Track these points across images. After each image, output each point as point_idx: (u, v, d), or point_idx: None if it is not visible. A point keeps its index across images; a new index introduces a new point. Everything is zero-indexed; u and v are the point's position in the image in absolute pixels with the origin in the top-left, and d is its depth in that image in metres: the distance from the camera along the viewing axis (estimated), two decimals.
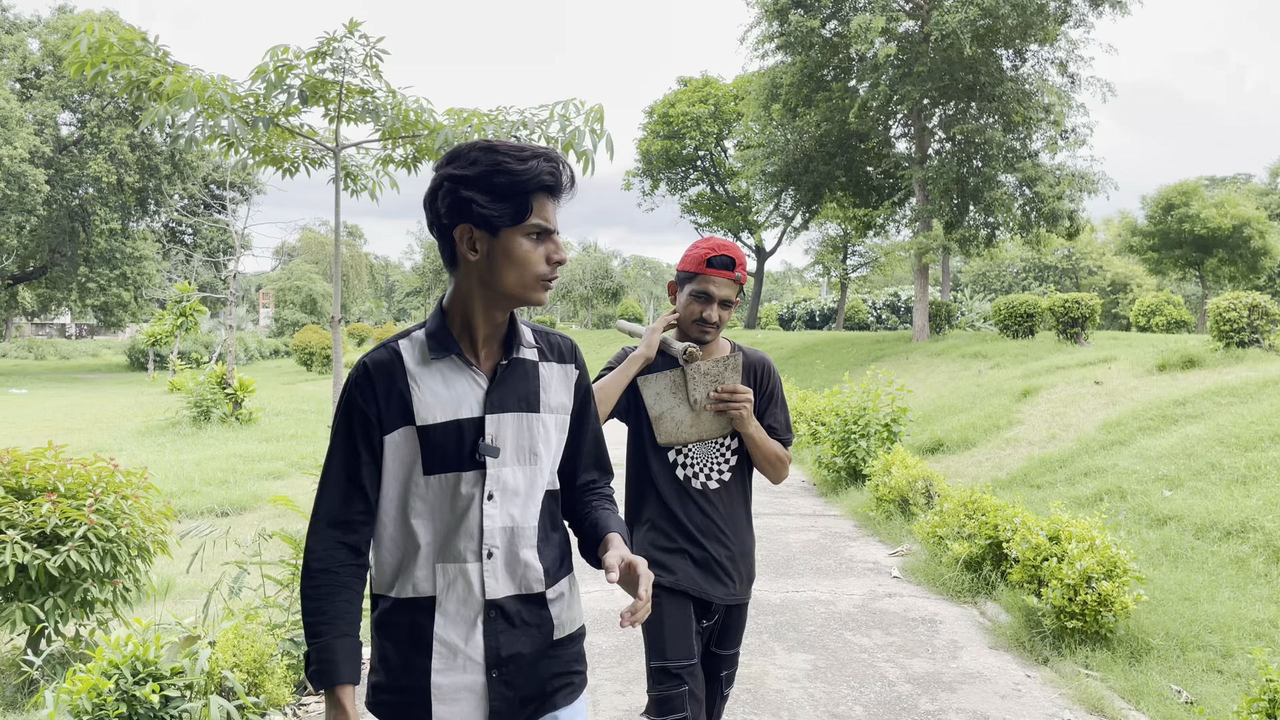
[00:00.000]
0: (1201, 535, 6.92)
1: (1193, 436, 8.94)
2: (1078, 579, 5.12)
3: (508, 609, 1.95)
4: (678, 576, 2.86)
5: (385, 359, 1.93)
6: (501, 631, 1.94)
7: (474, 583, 1.92)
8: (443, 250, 1.95)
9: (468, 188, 1.85)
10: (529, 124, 8.11)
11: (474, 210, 1.85)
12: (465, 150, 1.89)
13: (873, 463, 9.34)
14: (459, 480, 1.92)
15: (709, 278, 2.86)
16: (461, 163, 1.87)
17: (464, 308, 1.95)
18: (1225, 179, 63.85)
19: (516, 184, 1.85)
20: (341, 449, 1.92)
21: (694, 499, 2.92)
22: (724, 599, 2.92)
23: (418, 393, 1.91)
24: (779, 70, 25.75)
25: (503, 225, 1.87)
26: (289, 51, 7.69)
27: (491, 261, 1.89)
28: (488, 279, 1.91)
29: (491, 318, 1.96)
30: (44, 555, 4.93)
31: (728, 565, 2.93)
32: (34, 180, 34.36)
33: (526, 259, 1.89)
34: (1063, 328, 18.81)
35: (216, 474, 11.88)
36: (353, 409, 1.92)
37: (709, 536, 2.90)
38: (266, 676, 4.42)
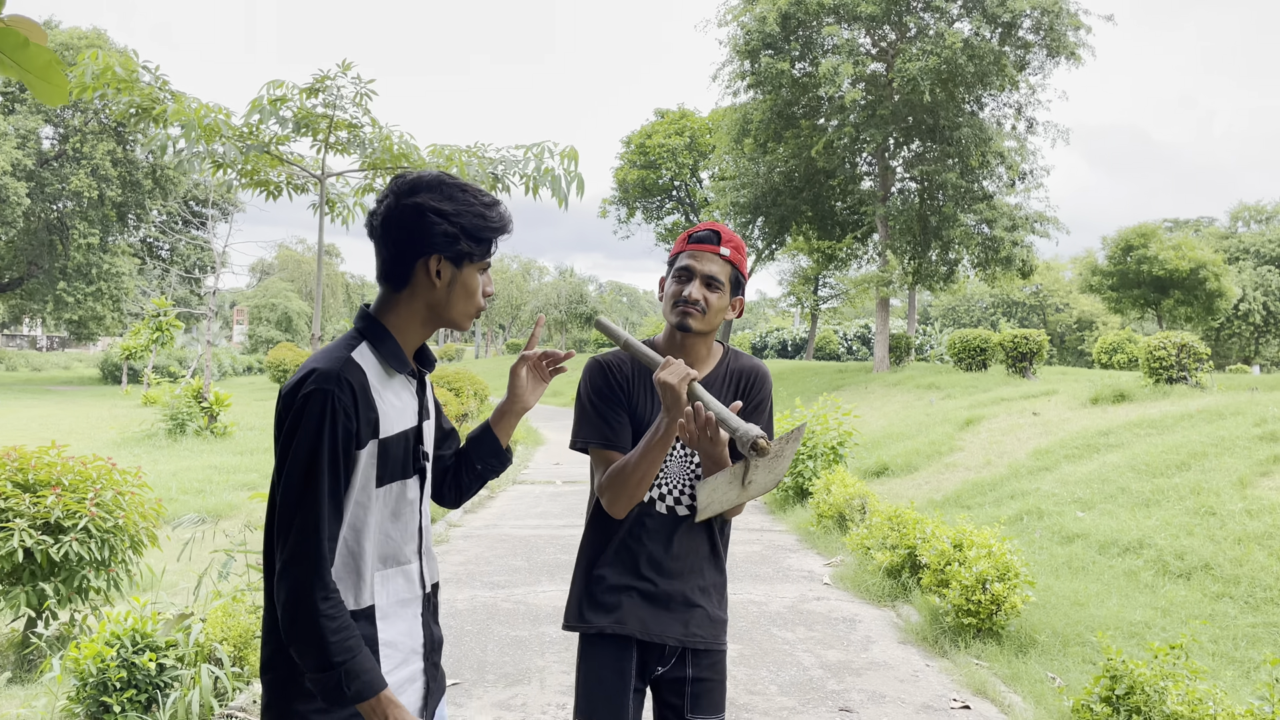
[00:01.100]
0: (1104, 551, 7.62)
1: (1109, 464, 9.68)
2: (974, 581, 5.78)
3: (432, 599, 2.15)
4: (619, 615, 2.52)
5: (357, 377, 1.93)
6: (430, 620, 2.13)
7: (414, 579, 2.07)
8: (393, 269, 2.01)
9: (448, 223, 1.96)
10: (507, 162, 8.82)
11: (451, 244, 1.97)
12: (432, 183, 1.99)
13: (816, 482, 10.00)
14: (404, 487, 2.03)
15: (689, 252, 2.53)
16: (436, 196, 1.98)
17: (407, 326, 2.04)
18: (1188, 221, 65.56)
19: (488, 227, 2.02)
20: (328, 474, 1.87)
21: (658, 524, 2.55)
22: (682, 639, 2.55)
23: (383, 406, 1.96)
24: (750, 107, 26.67)
25: (469, 261, 2.01)
26: (283, 86, 8.36)
27: (450, 291, 2.02)
28: (440, 305, 2.03)
29: (425, 335, 2.10)
30: (48, 542, 5.47)
31: (690, 598, 2.55)
32: (14, 193, 34.70)
33: (475, 292, 2.06)
34: (1012, 362, 19.64)
35: (193, 483, 12.31)
36: (337, 428, 1.87)
37: (667, 569, 2.54)
38: (251, 650, 4.98)
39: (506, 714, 4.75)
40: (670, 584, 2.54)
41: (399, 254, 2.00)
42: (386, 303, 2.05)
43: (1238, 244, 56.99)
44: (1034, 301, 69.26)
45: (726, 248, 2.52)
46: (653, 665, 2.57)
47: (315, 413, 1.87)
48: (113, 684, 4.47)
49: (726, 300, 2.53)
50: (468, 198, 2.00)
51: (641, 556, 2.53)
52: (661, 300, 2.60)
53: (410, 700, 2.05)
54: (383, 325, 2.04)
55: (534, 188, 8.79)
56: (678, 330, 2.52)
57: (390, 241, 2.00)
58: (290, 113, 8.49)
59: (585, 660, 2.58)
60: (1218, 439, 9.46)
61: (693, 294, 2.47)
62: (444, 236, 1.97)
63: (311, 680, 1.86)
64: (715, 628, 2.60)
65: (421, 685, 2.09)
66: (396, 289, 2.03)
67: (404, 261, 2.00)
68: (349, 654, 1.84)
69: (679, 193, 49.90)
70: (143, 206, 40.98)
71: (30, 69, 1.69)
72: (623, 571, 2.54)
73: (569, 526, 9.80)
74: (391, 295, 2.04)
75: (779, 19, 24.26)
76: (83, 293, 39.47)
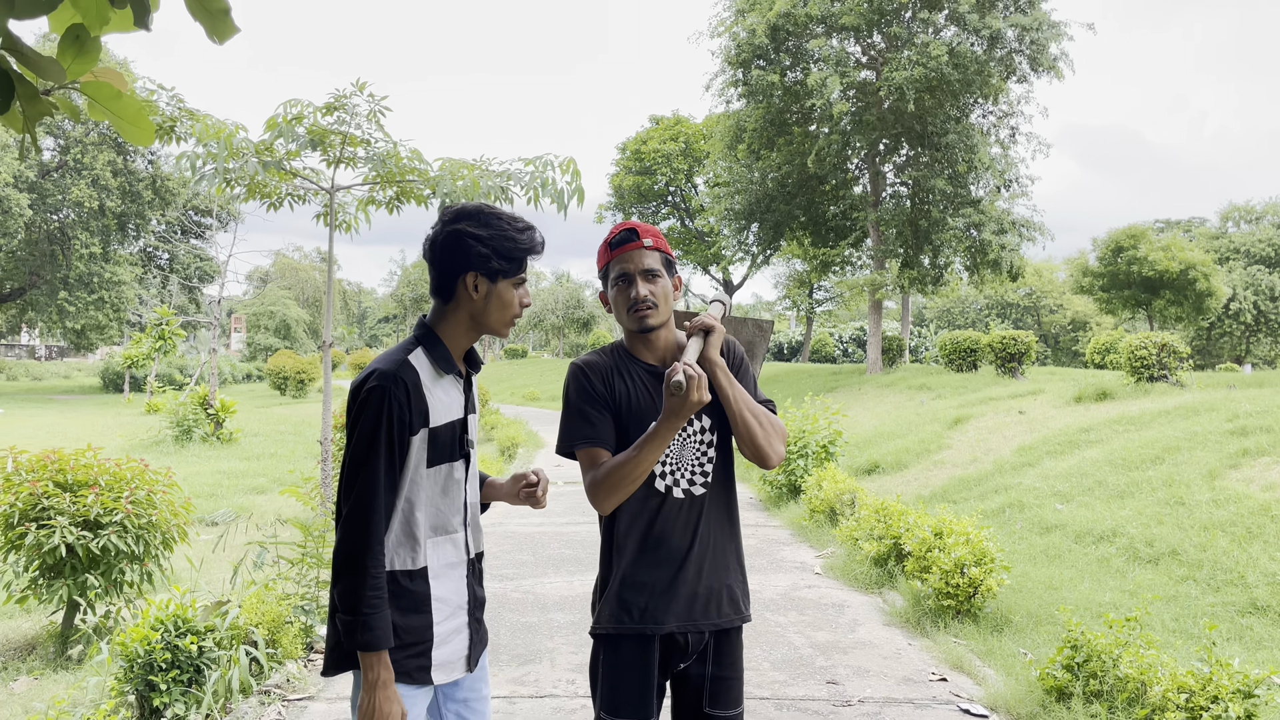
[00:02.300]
0: (1079, 540, 8.05)
1: (1088, 459, 10.11)
2: (953, 566, 6.21)
3: (477, 564, 2.55)
4: (646, 613, 2.57)
5: (411, 376, 2.34)
6: (475, 582, 2.52)
7: (460, 546, 2.46)
8: (441, 285, 2.43)
9: (483, 245, 2.36)
10: (512, 175, 9.26)
11: (485, 263, 2.36)
12: (473, 212, 2.40)
13: (808, 479, 10.43)
14: (451, 469, 2.44)
15: (618, 258, 2.59)
16: (474, 223, 2.38)
17: (454, 334, 2.45)
18: (1179, 222, 66.11)
19: (518, 248, 2.40)
20: (384, 453, 2.28)
21: (674, 511, 2.59)
22: (707, 625, 2.61)
23: (432, 400, 2.37)
24: (743, 114, 27.16)
25: (503, 276, 2.40)
26: (299, 105, 8.80)
27: (487, 303, 2.41)
28: (479, 315, 2.43)
29: (470, 341, 2.49)
30: (88, 536, 5.87)
31: (712, 585, 2.61)
32: (16, 204, 35.09)
33: (511, 303, 2.44)
34: (1001, 362, 20.09)
35: (203, 488, 12.66)
36: (393, 417, 2.28)
37: (691, 555, 2.59)
38: (283, 634, 5.39)
39: (520, 689, 5.17)
40: (697, 570, 2.58)
41: (444, 272, 2.42)
42: (437, 314, 2.46)
43: (1228, 244, 57.49)
44: (1028, 303, 69.81)
45: (647, 238, 2.59)
46: (675, 661, 2.61)
47: (375, 405, 2.29)
48: (158, 664, 4.86)
49: (669, 283, 2.61)
50: (501, 224, 2.40)
51: (664, 547, 2.57)
52: (611, 312, 2.66)
53: (457, 647, 2.45)
54: (435, 333, 2.44)
55: (536, 198, 9.26)
56: (640, 334, 2.61)
57: (437, 262, 2.42)
58: (304, 129, 8.94)
59: (608, 655, 2.61)
60: (1191, 434, 9.90)
61: (640, 293, 2.54)
62: (479, 257, 2.36)
63: (340, 619, 2.28)
64: (740, 606, 2.67)
65: (466, 636, 2.48)
66: (445, 302, 2.44)
67: (448, 279, 2.41)
68: (373, 609, 2.25)
69: (674, 198, 50.43)
70: (143, 216, 41.36)
71: (123, 116, 2.09)
72: (649, 566, 2.57)
73: (571, 524, 10.21)
74: (441, 308, 2.45)
75: (768, 31, 24.79)
76: (84, 302, 39.83)
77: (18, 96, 1.88)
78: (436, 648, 2.39)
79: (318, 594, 5.93)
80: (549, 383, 40.81)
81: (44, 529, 5.76)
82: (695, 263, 50.09)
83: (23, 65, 1.87)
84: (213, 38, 1.82)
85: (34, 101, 1.90)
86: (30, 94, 1.90)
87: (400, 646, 2.33)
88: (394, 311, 77.70)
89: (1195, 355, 43.37)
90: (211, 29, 1.80)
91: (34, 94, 1.91)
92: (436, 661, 2.40)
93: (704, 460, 2.63)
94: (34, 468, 6.10)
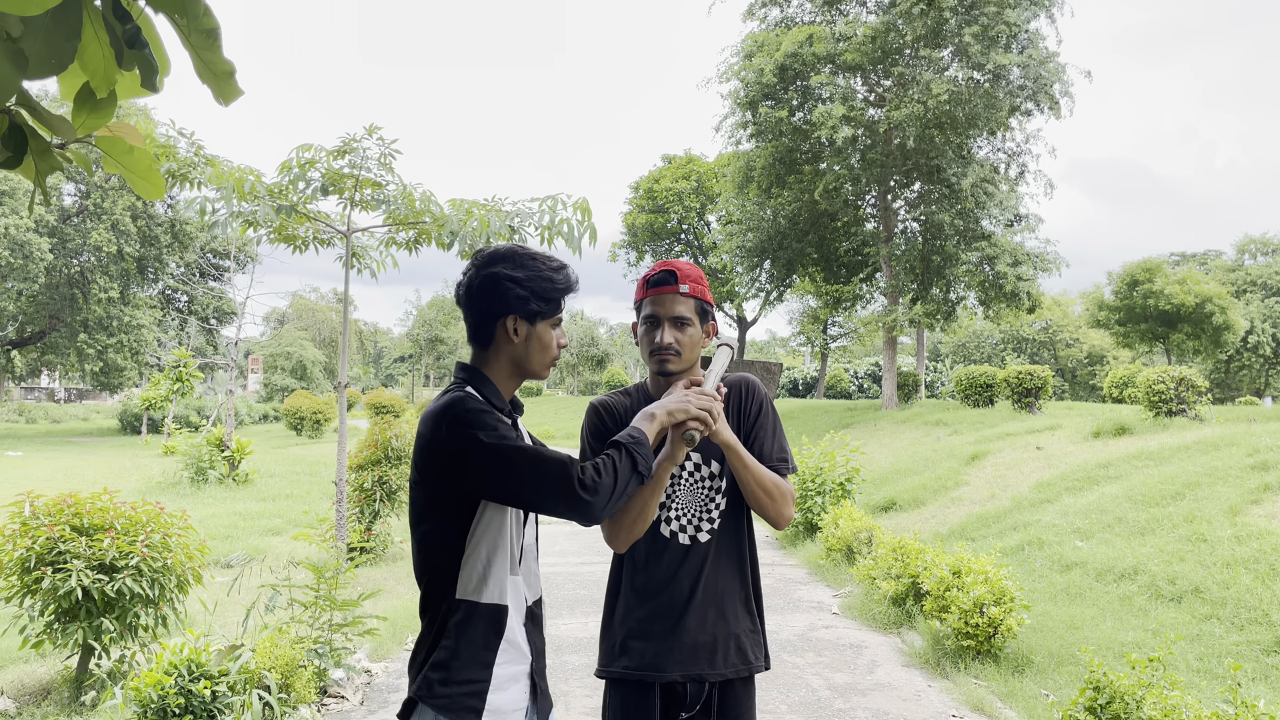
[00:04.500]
0: (1100, 578, 7.94)
1: (1108, 495, 10.00)
2: (972, 605, 6.13)
3: (535, 611, 2.41)
4: (642, 658, 2.55)
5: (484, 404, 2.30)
6: (534, 629, 2.38)
7: (522, 590, 2.34)
8: (479, 331, 2.35)
9: (520, 287, 2.29)
10: (522, 214, 9.32)
11: (524, 305, 2.29)
12: (507, 254, 2.34)
13: (825, 517, 10.35)
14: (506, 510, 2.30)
15: (651, 299, 2.59)
16: (510, 265, 2.31)
17: (498, 379, 2.36)
18: (1195, 255, 65.90)
19: (556, 289, 2.33)
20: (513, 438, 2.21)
21: (677, 557, 2.56)
22: (710, 676, 2.55)
23: None
24: (753, 154, 27.34)
25: (541, 318, 2.33)
26: (311, 149, 8.91)
27: (527, 345, 2.34)
28: (520, 358, 2.35)
29: (514, 387, 2.41)
30: (104, 580, 5.87)
31: (716, 634, 2.55)
32: (38, 249, 35.52)
33: (550, 345, 2.36)
34: (1018, 397, 19.97)
35: (219, 529, 12.67)
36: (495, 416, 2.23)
37: (693, 603, 2.55)
38: (295, 678, 5.37)
39: None
40: (700, 622, 2.54)
41: (481, 317, 2.33)
42: (478, 360, 2.39)
43: (1245, 276, 57.24)
44: (1044, 337, 69.55)
45: (685, 284, 2.58)
46: (676, 710, 2.55)
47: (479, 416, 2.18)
48: (171, 710, 4.84)
49: (699, 332, 2.59)
50: (537, 264, 2.33)
51: (665, 594, 2.55)
52: (638, 346, 2.66)
53: (514, 697, 2.26)
54: (481, 372, 2.37)
55: (549, 238, 9.30)
56: (660, 376, 2.61)
57: (473, 307, 2.34)
58: (319, 174, 9.04)
59: (613, 699, 2.61)
60: (1212, 469, 9.79)
61: (664, 339, 2.54)
62: (517, 299, 2.29)
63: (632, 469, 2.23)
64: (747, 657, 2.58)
65: (526, 689, 2.31)
66: (484, 347, 2.36)
67: (486, 323, 2.33)
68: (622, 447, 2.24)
69: (687, 235, 50.62)
70: (161, 260, 41.80)
71: (134, 170, 2.12)
72: (646, 612, 2.56)
73: (586, 564, 10.15)
74: (480, 354, 2.38)
75: (776, 70, 25.03)
76: (103, 345, 40.16)
77: (30, 151, 1.91)
78: (493, 691, 2.23)
79: (330, 637, 5.91)
80: (564, 420, 40.79)
81: (60, 573, 5.77)
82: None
83: (36, 120, 1.90)
84: (219, 99, 1.84)
85: (46, 156, 1.93)
86: (42, 149, 1.93)
87: (455, 681, 2.20)
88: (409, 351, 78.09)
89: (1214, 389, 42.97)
90: (218, 91, 1.83)
91: (46, 149, 1.93)
92: (490, 706, 2.23)
93: (711, 507, 2.60)
94: (51, 511, 6.12)
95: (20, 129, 1.88)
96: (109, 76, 1.85)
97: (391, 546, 10.94)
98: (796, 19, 28.29)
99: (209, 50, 1.82)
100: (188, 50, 1.79)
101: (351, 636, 6.16)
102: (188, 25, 1.69)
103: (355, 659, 6.25)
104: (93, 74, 1.83)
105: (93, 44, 1.79)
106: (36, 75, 1.76)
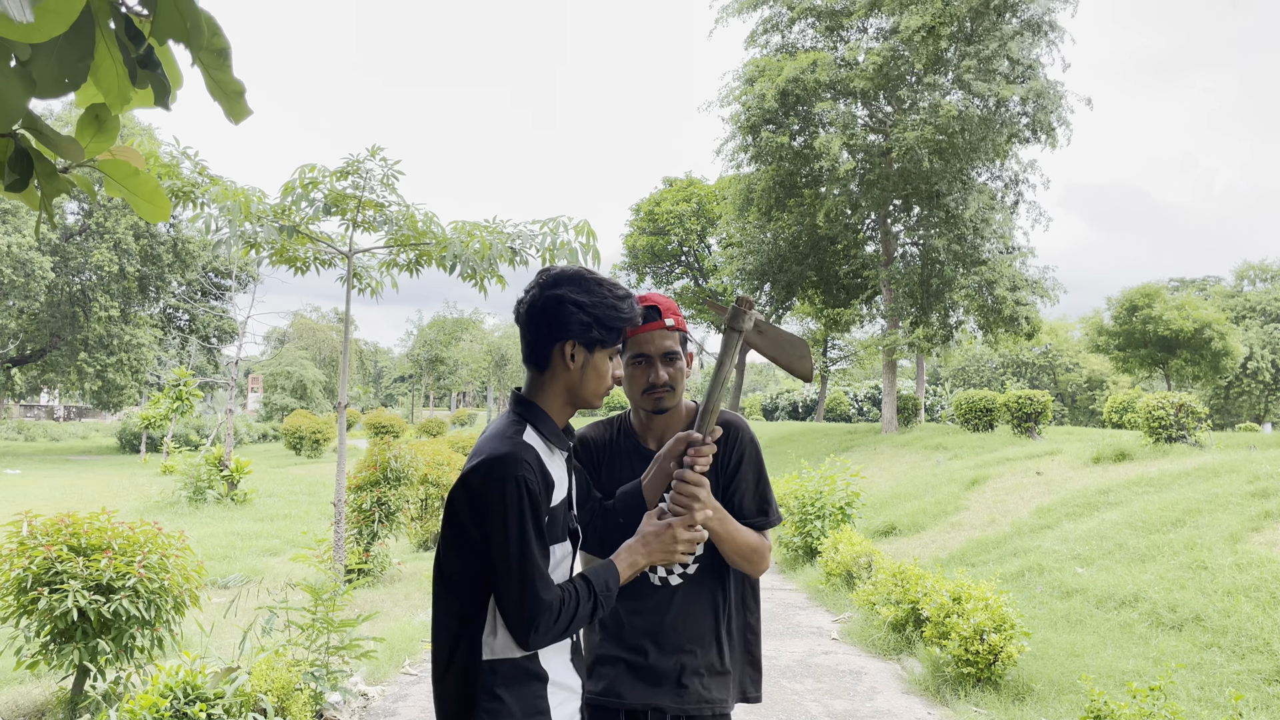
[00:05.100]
0: (1101, 605, 7.91)
1: (1108, 521, 9.98)
2: (972, 632, 6.10)
3: (577, 641, 2.35)
4: (606, 685, 2.57)
5: (532, 455, 2.16)
6: (577, 656, 2.33)
7: None
8: (535, 352, 2.28)
9: (584, 313, 2.20)
10: (524, 236, 9.34)
11: (585, 331, 2.21)
12: (573, 277, 2.25)
13: (825, 541, 10.32)
14: (563, 548, 2.25)
15: (637, 338, 2.56)
16: (575, 289, 2.22)
17: (554, 407, 2.28)
18: (1194, 280, 66.04)
19: (619, 318, 2.24)
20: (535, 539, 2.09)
21: (649, 596, 2.57)
22: (668, 709, 2.53)
23: (551, 478, 2.20)
24: (754, 177, 27.47)
25: (600, 347, 2.25)
26: (315, 169, 8.94)
27: (583, 373, 2.25)
28: (574, 386, 2.26)
29: (568, 415, 2.32)
30: (100, 601, 5.84)
31: (678, 672, 2.53)
32: (40, 267, 35.60)
33: (606, 375, 2.28)
34: (1017, 422, 19.96)
35: (217, 550, 12.63)
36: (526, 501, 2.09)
37: (657, 641, 2.55)
38: (292, 701, 5.33)
39: None
40: (663, 657, 2.53)
41: (540, 339, 2.26)
42: (534, 385, 2.30)
43: (1244, 302, 57.34)
44: (1043, 361, 69.57)
45: (669, 318, 2.57)
46: None
47: (513, 496, 2.09)
48: None
49: (684, 364, 2.59)
50: (603, 291, 2.25)
51: (632, 628, 2.55)
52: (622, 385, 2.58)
53: None
54: (540, 407, 2.28)
55: (551, 260, 9.32)
56: (654, 414, 2.58)
57: (533, 328, 2.26)
58: (321, 194, 9.07)
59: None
60: (1212, 496, 9.77)
61: (660, 378, 2.52)
62: (579, 324, 2.20)
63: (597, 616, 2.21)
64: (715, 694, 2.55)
65: (582, 715, 2.31)
66: (539, 370, 2.28)
67: (544, 346, 2.25)
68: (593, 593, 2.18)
69: (687, 258, 50.74)
70: (163, 279, 41.87)
71: (139, 194, 2.13)
72: (615, 643, 2.57)
73: None
74: (536, 378, 2.29)
75: (777, 96, 25.18)
76: (102, 363, 40.16)
77: (36, 174, 1.92)
78: None
79: (327, 660, 5.87)
80: None
81: (56, 593, 5.74)
82: (709, 322, 50.23)
83: (41, 143, 1.91)
84: (230, 118, 1.86)
85: (51, 179, 1.94)
86: (48, 172, 1.94)
87: None
88: (409, 371, 78.04)
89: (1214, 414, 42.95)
90: (229, 109, 1.84)
91: (51, 172, 1.94)
92: None
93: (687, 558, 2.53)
94: (49, 531, 6.10)
95: (26, 152, 1.89)
96: (123, 95, 1.86)
97: (389, 568, 10.90)
98: (798, 44, 28.47)
99: (220, 69, 1.83)
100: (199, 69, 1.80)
101: (348, 659, 6.13)
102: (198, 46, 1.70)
103: (352, 682, 6.22)
104: (107, 92, 1.85)
105: (106, 63, 1.80)
106: (47, 95, 1.77)
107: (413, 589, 9.97)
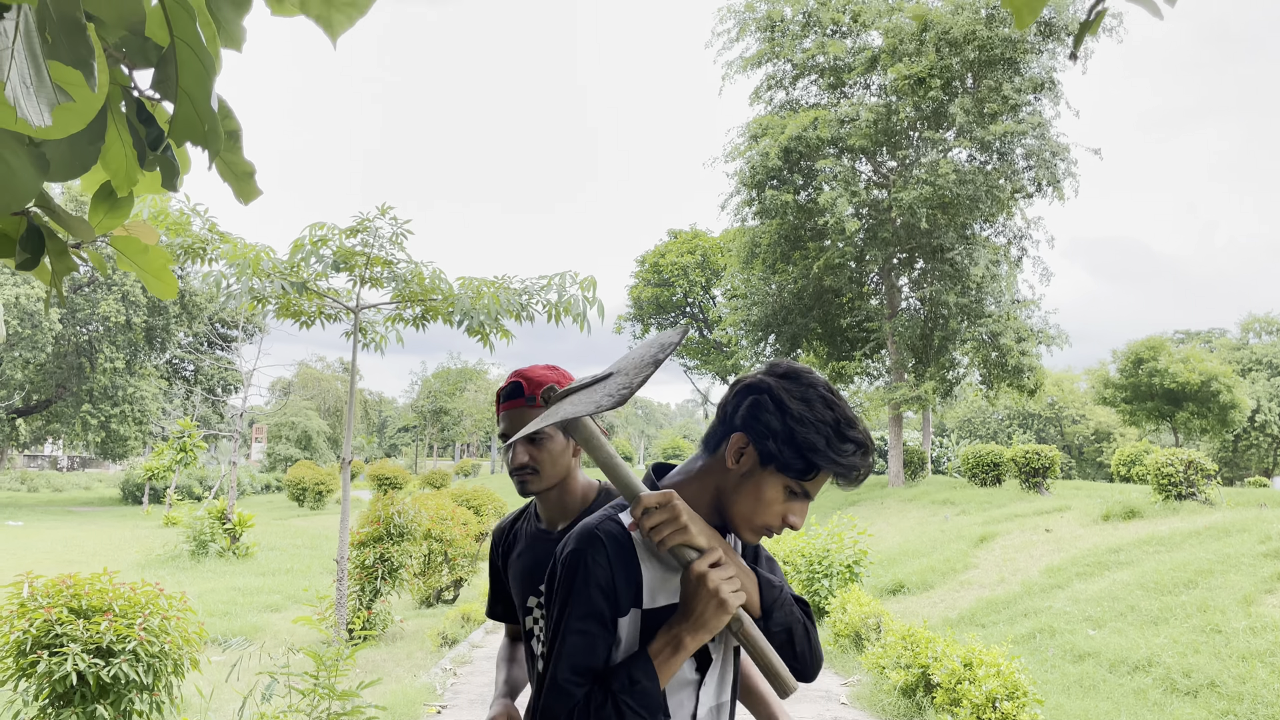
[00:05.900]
0: (1114, 669, 7.78)
1: (1119, 581, 9.85)
2: (984, 700, 5.99)
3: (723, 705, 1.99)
4: None
5: (620, 533, 1.76)
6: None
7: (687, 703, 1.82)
8: (714, 430, 1.84)
9: (782, 416, 1.73)
10: (530, 292, 9.39)
11: (764, 437, 1.73)
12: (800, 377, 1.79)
13: (833, 601, 10.19)
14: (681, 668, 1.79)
15: (503, 415, 2.34)
16: (798, 390, 1.76)
17: (696, 501, 1.80)
18: (1199, 333, 66.03)
19: (819, 452, 1.71)
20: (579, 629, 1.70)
21: None
22: None
23: (649, 574, 1.76)
24: (758, 231, 27.69)
25: (776, 467, 1.73)
26: (324, 227, 9.02)
27: (741, 483, 1.76)
28: (726, 492, 1.79)
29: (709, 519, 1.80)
30: (100, 664, 5.76)
31: None
32: (47, 319, 35.78)
33: (768, 506, 1.76)
34: (1025, 477, 19.83)
35: (218, 605, 12.49)
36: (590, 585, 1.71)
37: None
38: None
39: None
40: None
41: (725, 418, 1.82)
42: (690, 467, 1.87)
43: (1250, 355, 57.26)
44: (1050, 413, 69.31)
45: (533, 394, 2.29)
46: None
47: (569, 570, 1.74)
48: None
49: (562, 442, 2.31)
50: (825, 411, 1.74)
51: None
52: None
53: None
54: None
55: (557, 315, 9.35)
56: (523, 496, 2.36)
57: (729, 404, 1.83)
58: (330, 251, 9.13)
59: None
60: (1224, 556, 9.65)
61: (519, 459, 2.28)
62: (765, 426, 1.73)
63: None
64: None
65: None
66: (708, 452, 1.84)
67: (723, 428, 1.82)
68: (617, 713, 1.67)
69: (692, 309, 50.95)
70: (169, 330, 42.05)
71: (148, 270, 2.14)
72: None
73: None
74: (696, 461, 1.86)
75: (781, 153, 25.46)
76: (106, 414, 40.19)
77: (47, 252, 1.92)
78: None
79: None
80: None
81: (56, 656, 5.67)
82: (714, 373, 50.28)
83: (53, 222, 1.91)
84: (239, 198, 1.86)
85: (62, 257, 1.94)
86: (59, 250, 1.94)
87: None
88: (413, 422, 77.94)
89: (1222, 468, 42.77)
90: (238, 190, 1.85)
91: (63, 249, 1.94)
92: None
93: None
94: (49, 593, 6.04)
95: (38, 230, 1.89)
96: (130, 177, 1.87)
97: (391, 625, 10.78)
98: (802, 101, 28.83)
99: (230, 151, 1.84)
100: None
101: None
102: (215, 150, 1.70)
103: None
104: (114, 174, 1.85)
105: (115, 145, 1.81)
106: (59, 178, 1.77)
107: (414, 648, 9.85)
